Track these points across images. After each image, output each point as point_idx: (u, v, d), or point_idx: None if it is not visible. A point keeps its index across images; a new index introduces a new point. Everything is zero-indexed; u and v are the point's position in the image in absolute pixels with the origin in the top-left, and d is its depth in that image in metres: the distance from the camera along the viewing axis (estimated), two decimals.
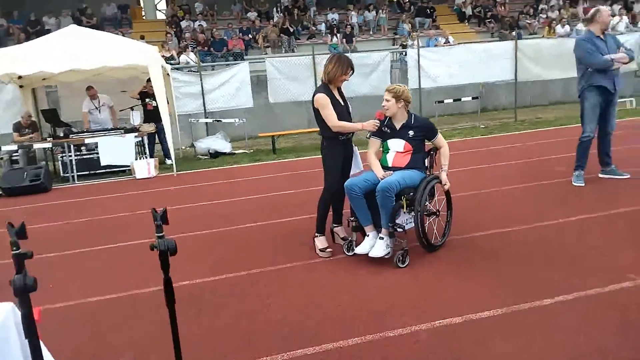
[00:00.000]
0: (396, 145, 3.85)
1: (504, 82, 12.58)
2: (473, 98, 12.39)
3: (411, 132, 3.82)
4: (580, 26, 16.83)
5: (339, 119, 3.78)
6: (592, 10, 5.40)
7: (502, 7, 19.51)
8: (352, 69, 3.84)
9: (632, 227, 4.05)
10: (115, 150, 8.39)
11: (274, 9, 18.57)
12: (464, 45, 12.85)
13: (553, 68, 12.18)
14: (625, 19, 17.11)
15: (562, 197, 5.09)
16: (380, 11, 18.30)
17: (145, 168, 8.35)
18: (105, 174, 8.70)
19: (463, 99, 12.29)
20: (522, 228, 4.25)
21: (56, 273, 4.09)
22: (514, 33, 16.82)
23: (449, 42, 15.04)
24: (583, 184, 5.41)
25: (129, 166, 8.56)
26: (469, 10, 19.50)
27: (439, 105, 11.89)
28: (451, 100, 12.17)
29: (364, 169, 4.11)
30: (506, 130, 10.51)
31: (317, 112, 3.84)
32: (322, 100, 3.76)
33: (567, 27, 16.87)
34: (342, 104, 3.92)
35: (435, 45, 14.71)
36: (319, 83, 10.89)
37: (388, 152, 3.89)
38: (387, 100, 3.78)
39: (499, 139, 9.44)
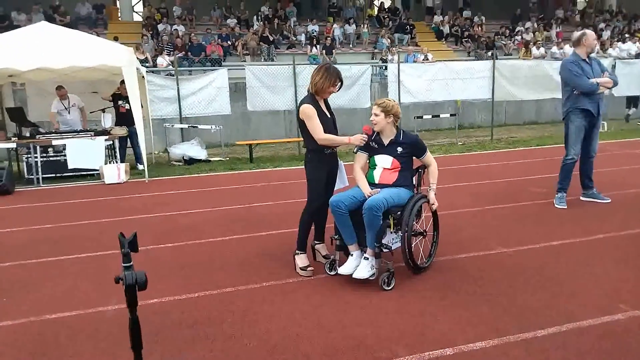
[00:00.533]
0: (383, 161, 3.71)
1: (481, 101, 12.70)
2: (451, 115, 12.46)
3: (399, 149, 3.68)
4: (555, 49, 17.27)
5: (325, 131, 3.61)
6: (578, 34, 5.41)
7: (479, 28, 19.86)
8: (341, 81, 3.69)
9: (617, 253, 4.00)
10: (84, 153, 8.00)
11: (255, 17, 18.41)
12: (443, 62, 12.93)
13: (528, 89, 12.37)
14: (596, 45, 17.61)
15: (544, 219, 5.04)
16: (362, 26, 18.35)
17: (114, 173, 7.99)
18: (72, 177, 8.29)
19: (442, 116, 12.34)
20: (507, 251, 4.15)
21: (10, 285, 3.76)
22: (490, 53, 17.13)
23: (427, 58, 15.16)
24: (565, 207, 5.38)
25: (98, 170, 8.18)
26: (446, 29, 19.79)
27: (417, 121, 11.90)
28: (430, 116, 12.19)
29: (349, 183, 3.95)
30: (483, 148, 10.56)
31: (302, 123, 3.67)
32: (309, 111, 3.58)
33: (542, 49, 17.25)
34: (329, 116, 3.76)
35: (415, 61, 14.79)
36: (299, 93, 10.91)
37: (375, 168, 3.74)
38: (376, 115, 3.63)
39: (477, 157, 9.46)
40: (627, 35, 19.32)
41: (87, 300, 3.45)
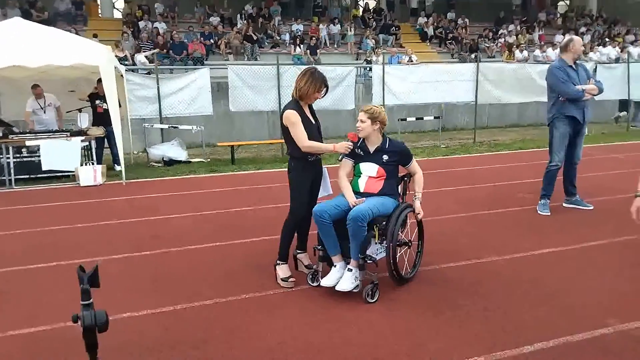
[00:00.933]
0: (369, 169, 3.60)
1: (464, 103, 12.71)
2: (435, 117, 12.44)
3: (385, 157, 3.58)
4: (538, 53, 17.41)
5: (310, 138, 3.49)
6: (565, 39, 5.39)
7: (463, 30, 19.94)
8: (326, 87, 3.57)
9: (609, 261, 3.96)
10: (59, 154, 7.73)
11: (238, 15, 18.18)
12: (428, 64, 12.90)
13: (512, 92, 12.41)
14: None
15: (530, 226, 4.99)
16: (348, 28, 18.22)
17: (91, 175, 7.74)
18: (47, 178, 8.00)
19: (425, 118, 12.31)
20: (494, 260, 4.08)
21: None
22: (473, 55, 17.19)
23: (412, 60, 15.13)
24: (549, 213, 5.35)
25: (73, 172, 7.92)
26: (430, 31, 19.82)
27: (401, 123, 11.84)
28: (414, 119, 12.15)
29: (333, 192, 3.83)
30: (467, 151, 10.54)
31: (286, 129, 3.54)
32: (293, 117, 3.46)
33: (526, 52, 17.37)
34: (313, 122, 3.64)
35: (399, 63, 14.75)
36: (283, 94, 10.76)
37: (360, 176, 3.63)
38: (362, 121, 3.52)
39: (461, 160, 9.43)
40: (607, 40, 19.58)
41: (61, 313, 3.25)
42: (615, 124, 14.89)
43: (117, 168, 8.80)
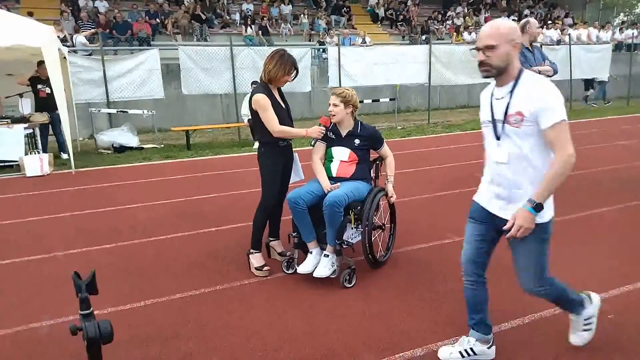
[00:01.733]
0: (341, 154, 3.55)
1: (417, 85, 12.89)
2: (390, 99, 12.54)
3: (357, 141, 3.54)
4: None
5: (280, 123, 3.40)
6: (522, 22, 5.50)
7: (414, 11, 20.11)
8: (296, 69, 3.47)
9: (568, 236, 4.13)
10: (1, 143, 7.20)
11: None
12: (382, 46, 12.96)
13: (462, 73, 12.70)
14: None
15: None
16: (302, 15, 17.84)
17: (37, 164, 7.26)
18: None
19: (381, 100, 12.39)
20: (460, 239, 4.14)
21: None
22: (424, 37, 17.43)
23: (365, 42, 15.14)
24: None
25: (17, 161, 7.41)
26: (381, 12, 19.86)
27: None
28: (370, 101, 12.20)
29: (305, 177, 3.77)
30: (422, 132, 10.73)
31: (255, 114, 3.42)
32: (263, 101, 3.34)
33: (474, 34, 17.77)
34: (283, 106, 3.53)
35: (352, 45, 14.71)
36: (237, 76, 10.47)
37: (332, 160, 3.58)
38: (335, 105, 3.46)
39: (418, 142, 9.58)
40: (549, 22, 20.35)
41: (15, 315, 3.04)
42: (585, 104, 15.59)
43: (64, 156, 8.35)
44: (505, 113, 2.14)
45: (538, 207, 2.10)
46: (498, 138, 2.20)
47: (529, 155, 2.12)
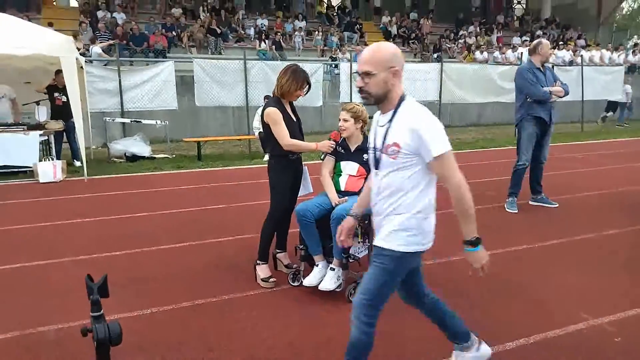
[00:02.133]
0: (349, 168, 3.59)
1: (427, 103, 12.95)
2: None
3: (366, 156, 3.57)
4: (497, 54, 17.92)
5: (291, 136, 3.45)
6: (534, 42, 5.56)
7: (426, 30, 20.28)
8: (309, 84, 3.53)
9: (573, 258, 4.11)
10: (16, 148, 7.34)
11: (200, 7, 17.78)
12: None
13: (473, 92, 12.76)
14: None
15: (501, 224, 5.13)
16: (315, 32, 18.06)
17: (50, 171, 7.39)
18: (3, 174, 7.56)
19: None
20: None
21: None
22: (436, 55, 17.54)
23: None
24: (516, 211, 5.53)
25: (31, 167, 7.54)
26: (394, 30, 20.05)
27: (369, 121, 11.92)
28: None
29: (314, 190, 3.81)
30: None
31: (267, 127, 3.48)
32: (275, 115, 3.40)
33: (485, 54, 17.86)
34: (295, 120, 3.59)
35: None
36: (250, 89, 10.58)
37: (341, 175, 3.62)
38: (346, 120, 3.51)
39: None
40: (561, 43, 20.39)
41: (25, 318, 3.09)
42: (600, 124, 15.56)
43: (77, 164, 8.47)
44: (383, 143, 2.06)
45: (474, 242, 2.07)
46: (377, 167, 2.11)
47: (403, 187, 2.05)
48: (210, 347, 2.77)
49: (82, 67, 8.87)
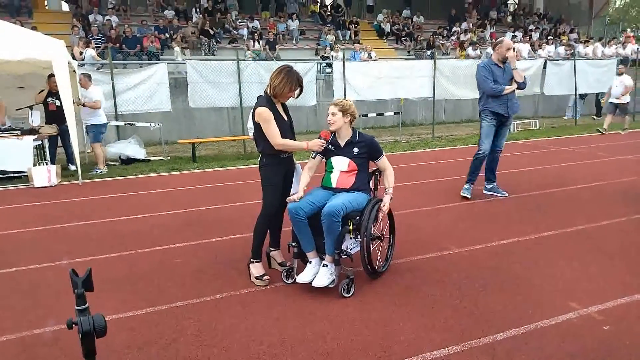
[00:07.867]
0: (340, 163, 3.62)
1: (422, 99, 12.99)
2: (395, 113, 12.65)
3: (356, 149, 3.62)
4: (490, 50, 17.96)
5: (282, 136, 3.48)
6: (497, 40, 5.81)
7: (419, 27, 20.30)
8: (301, 86, 3.57)
9: (565, 250, 4.16)
10: (10, 153, 7.35)
11: (193, 9, 17.78)
12: (387, 61, 13.10)
13: (466, 88, 12.78)
14: (527, 46, 18.52)
15: (494, 217, 5.16)
16: (308, 31, 18.04)
17: (45, 175, 7.40)
18: None
19: (386, 114, 12.49)
20: (462, 251, 4.20)
21: None
22: (429, 52, 17.57)
23: (371, 57, 15.29)
24: (469, 197, 5.85)
25: (25, 172, 7.55)
26: (387, 28, 20.07)
27: (362, 119, 11.96)
28: (374, 114, 12.30)
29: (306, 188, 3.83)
30: (426, 146, 10.79)
31: (258, 126, 3.51)
32: (265, 114, 3.43)
33: (478, 50, 17.90)
34: (286, 119, 3.62)
35: (361, 60, 14.86)
36: (244, 90, 10.60)
37: (332, 171, 3.65)
38: (334, 114, 3.55)
39: (422, 155, 9.64)
40: (554, 38, 20.44)
41: (20, 321, 3.11)
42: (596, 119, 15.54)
43: (72, 167, 8.48)
44: None
45: None
46: None
47: None
48: (206, 343, 2.80)
49: (74, 70, 8.87)
